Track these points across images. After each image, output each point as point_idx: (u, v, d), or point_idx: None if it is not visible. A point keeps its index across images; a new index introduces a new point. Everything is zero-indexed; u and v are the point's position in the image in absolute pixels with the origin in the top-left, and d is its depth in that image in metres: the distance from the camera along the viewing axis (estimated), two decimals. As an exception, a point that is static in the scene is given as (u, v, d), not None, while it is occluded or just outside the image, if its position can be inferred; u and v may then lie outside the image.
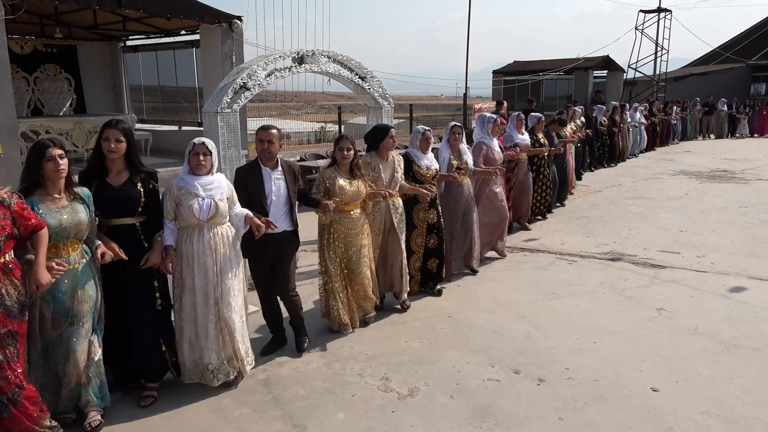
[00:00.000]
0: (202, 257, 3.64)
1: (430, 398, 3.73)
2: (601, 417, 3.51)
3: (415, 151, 5.34)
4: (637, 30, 25.53)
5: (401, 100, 25.09)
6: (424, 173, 5.28)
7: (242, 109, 5.52)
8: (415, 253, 5.43)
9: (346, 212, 4.56)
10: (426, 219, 5.38)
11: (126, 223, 3.53)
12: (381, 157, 4.94)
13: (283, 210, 4.14)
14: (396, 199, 5.01)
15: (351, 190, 4.50)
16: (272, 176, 4.11)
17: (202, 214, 3.60)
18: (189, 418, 3.52)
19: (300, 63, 5.11)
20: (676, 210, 9.23)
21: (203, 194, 3.62)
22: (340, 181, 4.47)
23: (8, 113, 7.08)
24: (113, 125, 3.47)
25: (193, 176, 3.66)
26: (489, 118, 6.56)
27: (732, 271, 6.23)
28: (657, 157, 15.64)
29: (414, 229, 5.36)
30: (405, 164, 5.18)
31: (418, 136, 5.35)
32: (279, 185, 4.12)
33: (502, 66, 29.10)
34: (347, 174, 4.55)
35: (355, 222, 4.61)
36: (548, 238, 7.62)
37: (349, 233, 4.59)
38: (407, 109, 18.20)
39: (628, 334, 4.67)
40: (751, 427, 3.40)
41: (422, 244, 5.43)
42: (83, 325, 3.30)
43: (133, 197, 3.51)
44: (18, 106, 9.76)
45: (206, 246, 3.64)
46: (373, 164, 4.87)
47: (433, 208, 5.42)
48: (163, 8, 9.18)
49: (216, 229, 3.69)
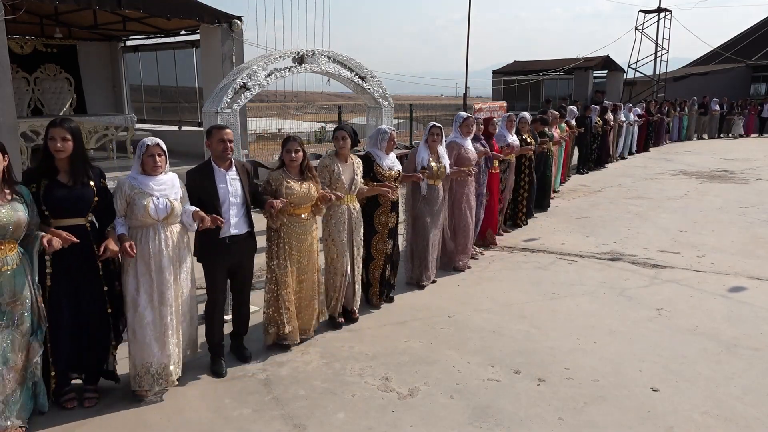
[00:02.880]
0: (157, 257, 3.58)
1: (430, 398, 3.73)
2: (601, 417, 3.51)
3: (377, 151, 5.08)
4: (637, 30, 25.56)
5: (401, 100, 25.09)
6: (386, 174, 5.03)
7: (242, 109, 5.53)
8: (375, 260, 5.14)
9: (296, 215, 4.29)
10: (387, 223, 5.12)
11: (75, 224, 3.41)
12: (340, 159, 4.70)
13: (241, 211, 4.00)
14: (354, 204, 4.78)
15: (300, 191, 4.24)
16: (227, 177, 3.96)
17: (158, 213, 3.54)
18: (189, 418, 3.52)
19: (300, 63, 5.11)
20: (676, 210, 9.23)
21: (157, 194, 3.55)
22: (287, 183, 4.22)
23: (8, 113, 7.08)
24: (58, 124, 3.38)
25: (146, 176, 3.58)
26: (459, 117, 6.29)
27: (732, 271, 6.23)
28: (657, 157, 15.64)
29: (375, 233, 5.09)
30: (365, 165, 4.96)
31: (384, 136, 5.06)
32: (235, 186, 3.98)
33: (502, 66, 29.13)
34: (297, 176, 4.29)
35: (306, 226, 4.34)
36: (548, 238, 7.62)
37: (300, 238, 4.32)
38: (407, 109, 18.19)
39: (628, 334, 4.67)
40: (751, 427, 3.40)
41: (383, 250, 5.15)
42: (18, 327, 3.20)
43: (85, 196, 3.43)
44: (18, 106, 9.76)
45: (160, 245, 3.58)
46: (332, 166, 4.64)
47: (394, 212, 5.17)
48: (163, 8, 9.19)
49: (168, 228, 3.63)
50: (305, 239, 4.35)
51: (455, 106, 32.98)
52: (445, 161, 5.67)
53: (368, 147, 5.20)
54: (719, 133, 20.92)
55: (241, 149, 5.00)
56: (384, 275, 5.22)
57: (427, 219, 5.64)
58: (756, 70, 28.70)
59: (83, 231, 3.43)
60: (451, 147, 6.10)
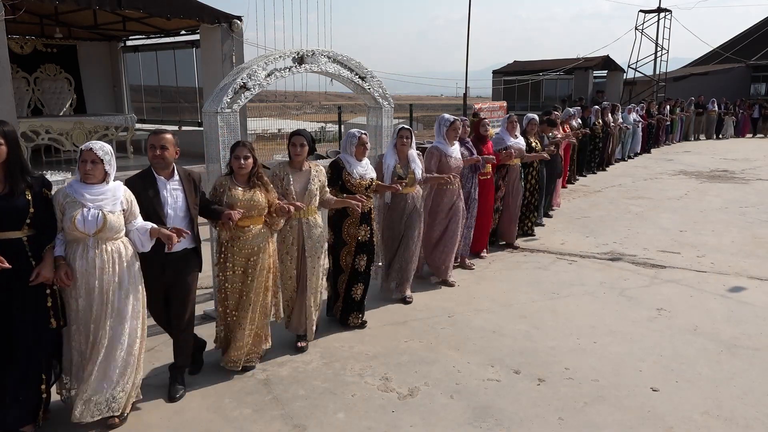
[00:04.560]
0: (85, 276, 3.21)
1: (430, 398, 3.73)
2: (601, 417, 3.51)
3: (347, 157, 4.69)
4: (637, 30, 25.56)
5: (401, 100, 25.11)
6: (356, 183, 4.63)
7: (242, 109, 5.52)
8: (343, 272, 4.79)
9: (241, 227, 3.87)
10: (356, 235, 4.72)
11: (10, 238, 3.05)
12: (294, 167, 4.30)
13: (183, 224, 3.60)
14: (312, 217, 4.33)
15: (245, 199, 3.84)
16: (167, 186, 3.61)
17: (87, 226, 3.16)
18: (189, 418, 3.52)
19: (300, 63, 5.10)
20: (676, 210, 9.23)
21: (90, 204, 3.19)
22: (233, 190, 3.85)
23: (8, 113, 7.09)
24: None
25: (83, 184, 3.24)
26: (445, 120, 5.72)
27: (732, 271, 6.23)
28: (657, 157, 15.64)
29: (344, 245, 4.73)
30: (334, 172, 4.62)
31: (353, 140, 4.65)
32: (176, 196, 3.62)
33: (502, 66, 29.16)
34: (244, 184, 3.91)
35: (254, 239, 3.90)
36: (548, 238, 7.62)
37: (245, 252, 3.90)
38: (407, 109, 18.22)
39: (628, 334, 4.67)
40: (751, 427, 3.40)
41: (350, 264, 4.76)
42: None
43: (18, 207, 3.05)
44: (18, 106, 9.77)
45: (90, 264, 3.20)
46: (282, 175, 4.25)
47: (365, 223, 4.74)
48: (163, 8, 9.20)
49: (105, 245, 3.23)
50: (253, 253, 3.91)
51: (455, 106, 33.00)
52: (417, 168, 5.17)
53: (341, 154, 4.81)
54: (717, 133, 20.88)
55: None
56: (350, 292, 4.78)
57: (394, 230, 5.24)
58: (756, 70, 28.70)
59: (19, 245, 3.08)
60: (432, 153, 5.63)
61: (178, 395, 3.73)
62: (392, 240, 5.29)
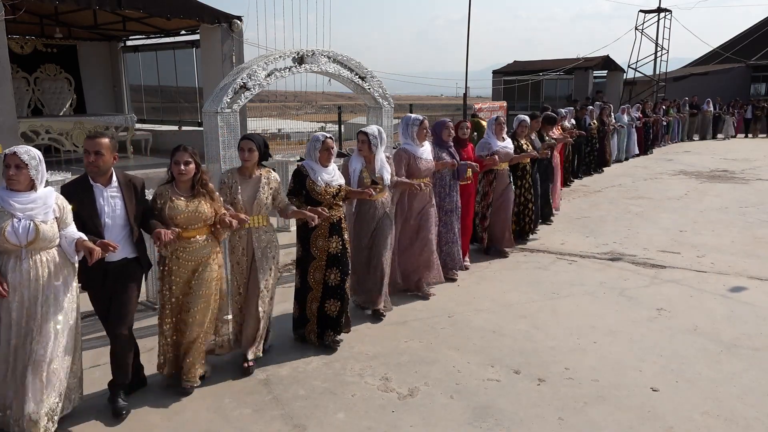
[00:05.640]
0: (19, 289, 3.06)
1: (430, 398, 3.73)
2: (601, 417, 3.51)
3: (311, 163, 4.33)
4: (637, 30, 25.57)
5: (401, 100, 25.13)
6: (321, 191, 4.27)
7: (242, 109, 5.53)
8: (312, 291, 4.42)
9: (185, 239, 3.62)
10: (326, 248, 4.36)
11: None
12: (243, 175, 4.04)
13: (122, 234, 3.43)
14: (262, 226, 4.09)
15: (188, 211, 3.59)
16: (105, 193, 3.40)
17: (19, 238, 3.01)
18: (189, 418, 3.52)
19: (300, 63, 5.10)
20: (676, 210, 9.23)
21: (20, 214, 3.02)
22: (174, 200, 3.60)
23: (8, 113, 7.09)
24: None
25: (10, 192, 3.05)
26: (414, 119, 5.38)
27: (732, 271, 6.23)
28: (657, 157, 15.63)
29: (312, 260, 4.37)
30: (297, 180, 4.33)
31: (317, 145, 4.30)
32: (114, 204, 3.42)
33: (502, 66, 29.17)
34: (187, 192, 3.66)
35: (198, 251, 3.67)
36: (548, 238, 7.62)
37: (189, 265, 3.67)
38: (407, 109, 18.22)
39: (628, 334, 4.67)
40: (751, 427, 3.40)
41: (321, 279, 4.40)
42: None
43: None
44: (18, 106, 9.77)
45: (24, 276, 3.05)
46: (229, 183, 3.99)
47: (336, 234, 4.37)
48: (163, 8, 9.20)
49: (38, 255, 3.09)
50: (199, 266, 3.69)
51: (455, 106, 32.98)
52: (385, 173, 4.82)
53: (305, 160, 4.48)
54: (714, 133, 20.82)
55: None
56: (323, 309, 4.43)
57: (363, 239, 4.90)
58: (756, 70, 28.68)
59: None
60: (400, 156, 5.25)
61: (124, 412, 3.49)
62: (359, 250, 4.91)
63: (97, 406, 3.55)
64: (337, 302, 4.43)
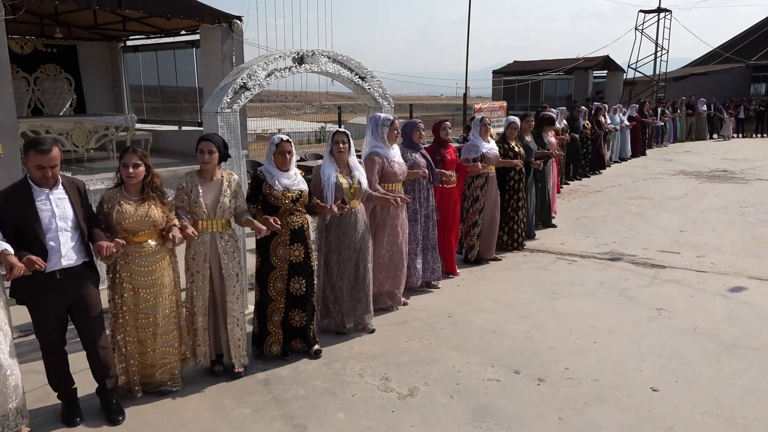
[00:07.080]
0: None
1: (430, 398, 3.73)
2: (601, 417, 3.51)
3: (269, 167, 4.10)
4: (637, 30, 25.57)
5: (401, 100, 25.13)
6: (279, 195, 4.02)
7: (242, 109, 5.52)
8: (273, 302, 4.15)
9: (136, 244, 3.47)
10: (287, 257, 4.11)
11: None
12: (203, 178, 3.84)
13: (76, 236, 3.27)
14: (226, 230, 3.91)
15: (137, 215, 3.43)
16: (51, 197, 3.22)
17: None
18: (189, 418, 3.52)
19: (300, 63, 5.10)
20: (676, 210, 9.23)
21: None
22: (123, 204, 3.44)
23: (8, 113, 7.08)
24: None
25: None
26: (384, 119, 5.02)
27: (732, 271, 6.23)
28: (657, 157, 15.63)
29: (272, 270, 4.11)
30: (255, 186, 4.10)
31: (272, 148, 4.08)
32: (64, 208, 3.25)
33: (502, 66, 29.18)
34: (136, 195, 3.50)
35: (149, 258, 3.51)
36: (548, 238, 7.62)
37: (141, 270, 3.50)
38: (407, 109, 18.24)
39: (628, 334, 4.67)
40: (751, 427, 3.40)
41: (282, 290, 4.15)
42: None
43: None
44: (18, 106, 9.76)
45: None
46: (189, 187, 3.79)
47: (298, 242, 4.12)
48: (163, 8, 9.19)
49: None
50: (151, 272, 3.54)
51: (455, 106, 33.01)
52: (361, 176, 4.56)
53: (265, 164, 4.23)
54: (711, 134, 20.74)
55: (241, 149, 4.99)
56: (288, 321, 4.21)
57: (344, 253, 4.54)
58: (756, 70, 28.70)
59: None
60: (372, 160, 4.90)
61: (120, 419, 3.44)
62: (342, 263, 4.56)
63: (98, 406, 3.55)
64: (303, 313, 4.21)
